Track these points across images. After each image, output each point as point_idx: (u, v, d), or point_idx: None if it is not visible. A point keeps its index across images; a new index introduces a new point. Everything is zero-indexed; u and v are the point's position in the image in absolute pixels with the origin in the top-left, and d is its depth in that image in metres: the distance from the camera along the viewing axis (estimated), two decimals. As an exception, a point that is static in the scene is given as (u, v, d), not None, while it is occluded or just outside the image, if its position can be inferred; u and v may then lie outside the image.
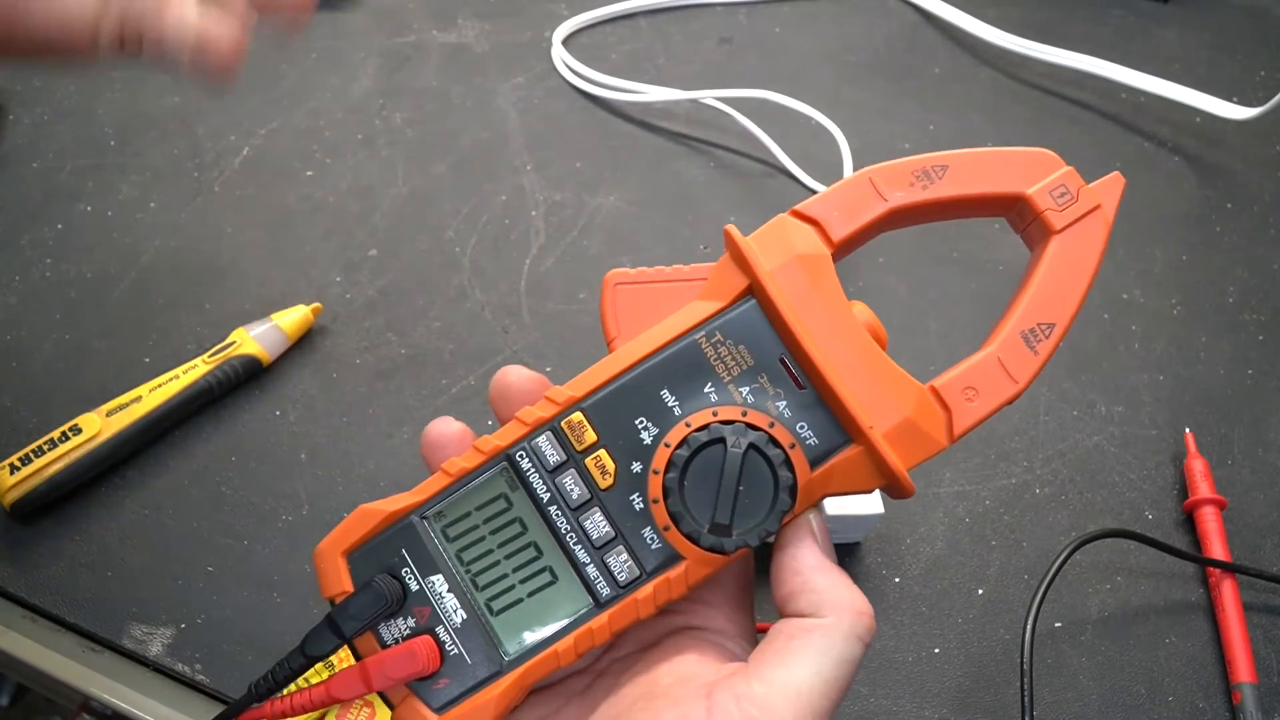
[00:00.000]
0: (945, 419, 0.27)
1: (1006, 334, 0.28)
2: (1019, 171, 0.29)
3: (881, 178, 0.29)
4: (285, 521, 0.42)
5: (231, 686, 0.38)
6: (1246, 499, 0.43)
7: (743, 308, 0.28)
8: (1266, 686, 0.38)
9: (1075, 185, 0.29)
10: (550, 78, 0.61)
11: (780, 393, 0.27)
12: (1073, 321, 0.28)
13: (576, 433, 0.27)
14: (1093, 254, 0.29)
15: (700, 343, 0.28)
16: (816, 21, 0.66)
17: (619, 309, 0.29)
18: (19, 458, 0.41)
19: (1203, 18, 0.67)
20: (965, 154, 0.29)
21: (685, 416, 0.27)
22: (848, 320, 0.27)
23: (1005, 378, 0.27)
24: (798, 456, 0.26)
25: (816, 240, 0.28)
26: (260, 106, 0.59)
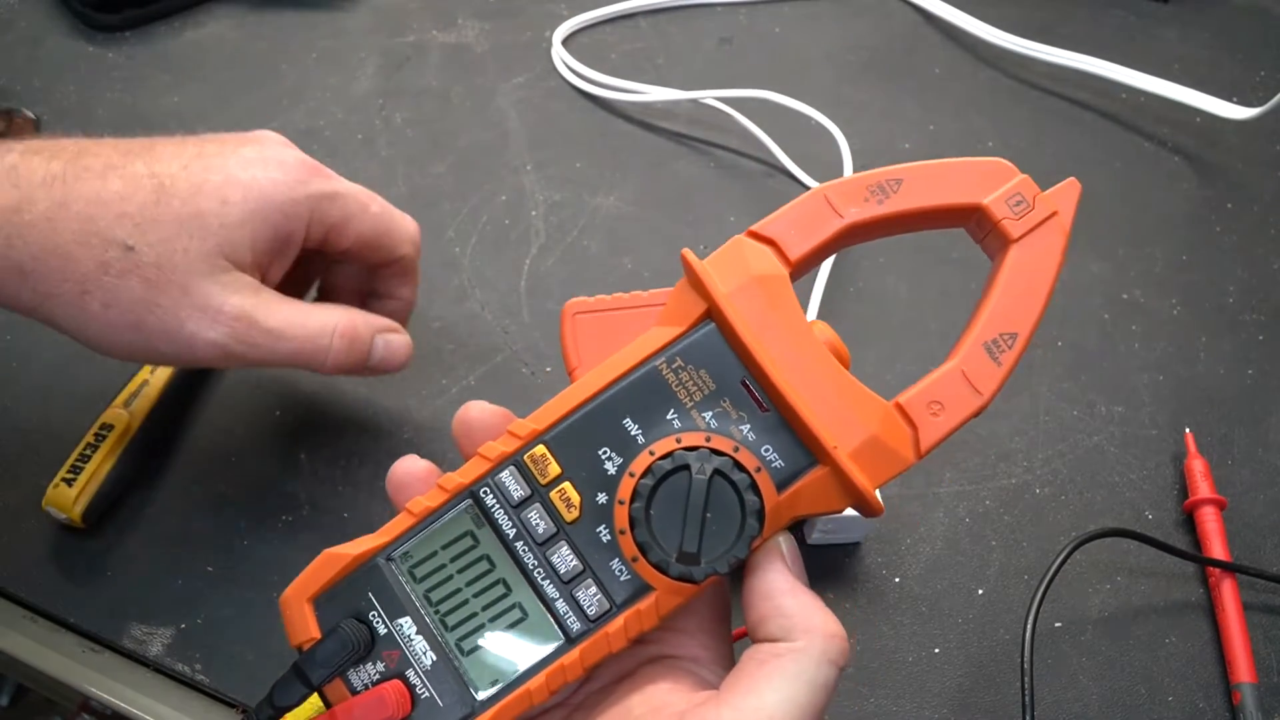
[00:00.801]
0: (911, 435, 0.27)
1: (969, 346, 0.27)
2: (974, 182, 0.29)
3: (836, 194, 0.29)
4: (285, 521, 0.42)
5: (231, 686, 0.38)
6: (1246, 499, 0.43)
7: (702, 332, 0.28)
8: (1266, 686, 0.38)
9: (1031, 193, 0.29)
10: (550, 78, 0.61)
11: (744, 416, 0.27)
12: (1035, 330, 0.28)
13: (540, 466, 0.27)
14: (1051, 261, 0.28)
15: (661, 369, 0.27)
16: (816, 21, 0.66)
17: (579, 338, 0.29)
18: (68, 469, 0.40)
19: (1203, 18, 0.67)
20: (919, 166, 0.29)
21: (649, 444, 0.27)
22: (808, 340, 0.27)
23: (970, 390, 0.27)
24: (764, 480, 0.26)
25: (773, 260, 0.28)
26: (260, 106, 0.59)
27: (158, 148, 0.36)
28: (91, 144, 0.35)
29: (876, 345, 0.49)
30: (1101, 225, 0.54)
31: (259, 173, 0.35)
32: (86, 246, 0.33)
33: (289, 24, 0.64)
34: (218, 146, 0.36)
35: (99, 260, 0.33)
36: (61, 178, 0.34)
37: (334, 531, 0.41)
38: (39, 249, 0.33)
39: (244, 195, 0.35)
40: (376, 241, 0.39)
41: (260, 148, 0.37)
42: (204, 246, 0.34)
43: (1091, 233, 0.54)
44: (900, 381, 0.47)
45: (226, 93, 0.59)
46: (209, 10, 0.65)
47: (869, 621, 0.40)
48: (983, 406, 0.27)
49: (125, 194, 0.34)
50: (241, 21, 0.64)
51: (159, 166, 0.35)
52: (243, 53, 0.62)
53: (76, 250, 0.33)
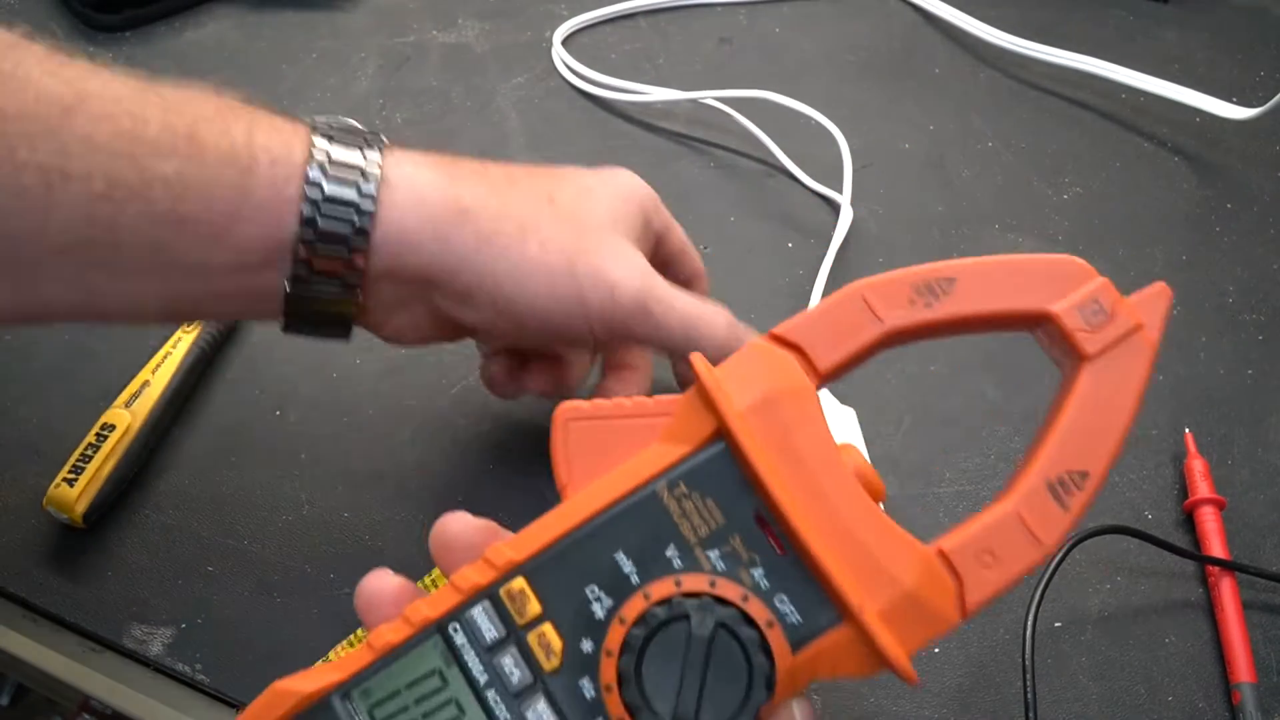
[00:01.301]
0: (955, 589, 0.23)
1: (1030, 484, 0.23)
2: (1042, 284, 0.25)
3: (876, 294, 0.25)
4: (285, 521, 0.42)
5: (231, 686, 0.38)
6: (1246, 499, 0.44)
7: (711, 453, 0.24)
8: (1266, 686, 0.38)
9: (1111, 300, 0.25)
10: (550, 78, 0.61)
11: (756, 558, 0.23)
12: (1110, 469, 0.24)
13: (517, 603, 0.23)
14: (1133, 385, 0.24)
15: (662, 495, 0.24)
16: (816, 21, 0.66)
17: (571, 450, 0.25)
18: (69, 469, 0.40)
19: (1203, 18, 0.67)
20: (977, 264, 0.25)
21: (644, 586, 0.23)
22: (835, 469, 0.23)
23: (1028, 538, 0.23)
24: (776, 637, 0.23)
25: (798, 371, 0.25)
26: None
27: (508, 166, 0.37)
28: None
29: (876, 345, 0.49)
30: (1100, 225, 0.54)
31: (615, 172, 0.38)
32: (516, 187, 0.35)
33: (289, 24, 0.64)
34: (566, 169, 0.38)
35: (531, 202, 0.34)
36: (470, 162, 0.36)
37: (334, 531, 0.41)
38: (477, 191, 0.34)
39: (615, 183, 0.37)
40: (684, 250, 0.40)
41: (614, 169, 0.39)
42: (601, 211, 0.35)
43: (1090, 233, 0.54)
44: (899, 384, 0.47)
45: (226, 93, 0.59)
46: (209, 10, 0.65)
47: (869, 621, 0.40)
48: (1044, 558, 0.23)
49: (529, 172, 0.36)
50: (241, 21, 0.64)
51: (535, 170, 0.37)
52: (243, 53, 0.62)
53: (511, 191, 0.34)
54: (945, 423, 0.46)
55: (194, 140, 0.30)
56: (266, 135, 0.31)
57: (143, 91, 0.30)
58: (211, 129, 0.30)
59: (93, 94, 0.29)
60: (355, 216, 0.31)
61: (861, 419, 0.44)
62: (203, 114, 0.31)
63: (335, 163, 0.31)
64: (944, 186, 0.56)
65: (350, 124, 0.34)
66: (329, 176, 0.31)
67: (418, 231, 0.32)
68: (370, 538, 0.41)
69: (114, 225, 0.29)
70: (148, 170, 0.29)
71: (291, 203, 0.31)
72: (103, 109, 0.29)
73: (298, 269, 0.32)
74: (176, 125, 0.30)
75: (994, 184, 0.56)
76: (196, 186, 0.29)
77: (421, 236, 0.32)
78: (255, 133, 0.31)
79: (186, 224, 0.30)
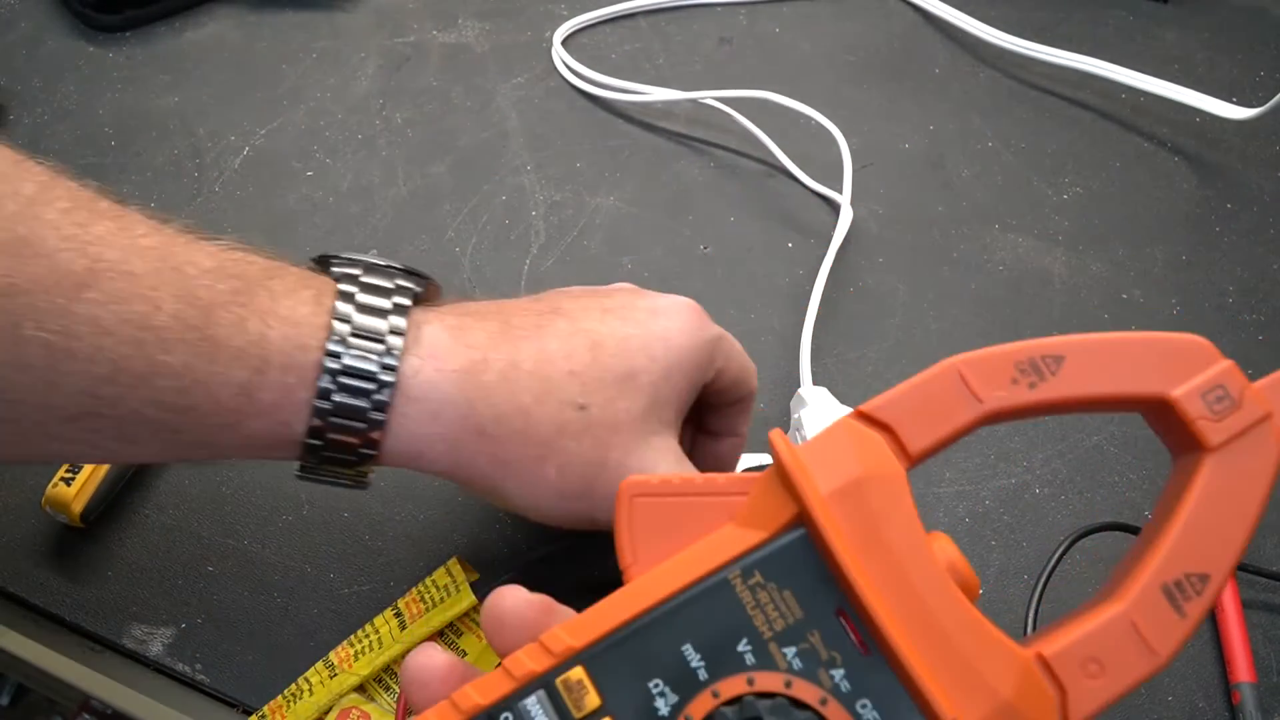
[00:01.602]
0: (1058, 701, 0.21)
1: (1144, 586, 0.21)
2: (1160, 365, 0.24)
3: (975, 373, 0.23)
4: (285, 521, 0.42)
5: (231, 686, 0.38)
6: (1246, 499, 0.43)
7: (789, 540, 0.22)
8: (1266, 686, 0.38)
9: (1237, 387, 0.23)
10: (550, 78, 0.61)
11: (837, 657, 0.21)
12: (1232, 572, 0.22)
13: (575, 694, 0.22)
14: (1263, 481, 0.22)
15: (735, 584, 0.22)
16: (816, 21, 0.66)
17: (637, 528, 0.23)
18: (67, 468, 0.40)
19: (1202, 18, 0.67)
20: (1087, 342, 0.24)
21: (713, 684, 0.22)
22: (926, 563, 0.22)
23: (1141, 648, 0.21)
24: None
25: (887, 453, 0.23)
26: (260, 106, 0.59)
27: (559, 302, 0.34)
28: (497, 303, 0.34)
29: (876, 346, 0.49)
30: (1101, 225, 0.54)
31: (668, 322, 0.34)
32: (544, 406, 0.31)
33: (289, 24, 0.64)
34: (613, 300, 0.34)
35: (557, 422, 0.31)
36: (505, 338, 0.32)
37: (334, 531, 0.41)
38: (500, 411, 0.31)
39: (665, 350, 0.33)
40: (741, 378, 0.37)
41: (651, 298, 0.35)
42: (639, 407, 0.32)
43: (1091, 233, 0.54)
44: (900, 382, 0.47)
45: (226, 93, 0.60)
46: (209, 10, 0.65)
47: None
48: (1158, 670, 0.21)
49: (566, 351, 0.32)
50: (241, 22, 0.64)
51: (580, 323, 0.33)
52: (243, 53, 0.62)
53: (536, 410, 0.31)
54: (945, 423, 0.46)
55: (205, 333, 0.29)
56: (281, 330, 0.29)
57: (160, 265, 0.29)
58: (225, 319, 0.29)
59: (108, 269, 0.28)
60: (365, 425, 0.30)
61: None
62: (219, 297, 0.29)
63: (347, 369, 0.30)
64: (944, 186, 0.56)
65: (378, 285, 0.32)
66: (339, 386, 0.30)
67: (430, 446, 0.31)
68: (370, 538, 0.41)
69: (118, 404, 0.28)
70: (154, 360, 0.28)
71: (301, 407, 0.30)
72: (114, 289, 0.28)
73: (307, 459, 0.31)
74: (189, 314, 0.28)
75: (994, 184, 0.56)
76: (204, 382, 0.29)
77: (434, 452, 0.31)
78: (270, 325, 0.29)
79: (192, 413, 0.29)
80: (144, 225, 0.30)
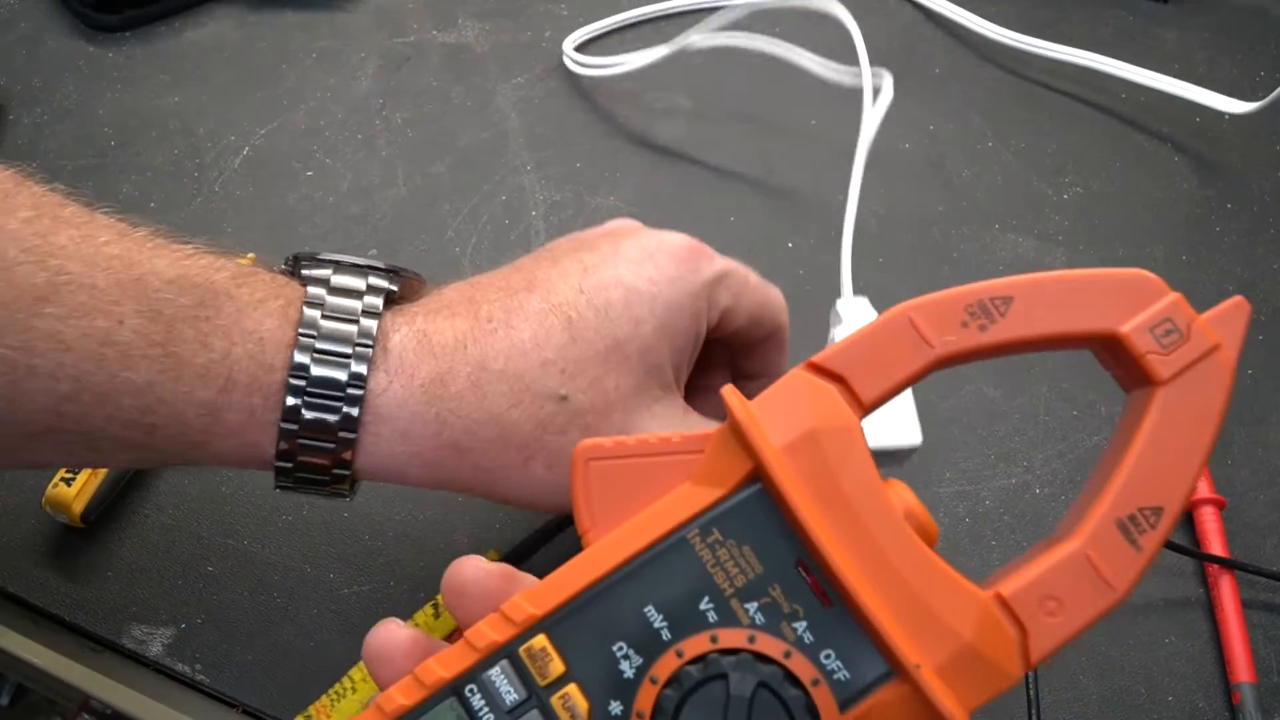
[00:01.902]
0: (1018, 639, 0.21)
1: (1098, 523, 0.22)
2: (1109, 302, 0.23)
3: (925, 318, 0.23)
4: (285, 521, 0.42)
5: (231, 686, 0.38)
6: (1246, 499, 0.44)
7: (746, 496, 0.22)
8: (1266, 686, 0.38)
9: (1185, 319, 0.23)
10: (550, 78, 0.61)
11: (798, 610, 0.22)
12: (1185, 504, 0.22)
13: (539, 662, 0.22)
14: (1212, 413, 0.22)
15: (694, 542, 0.22)
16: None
17: (593, 492, 0.23)
18: (66, 469, 0.40)
19: (1202, 18, 0.67)
20: (1036, 281, 0.23)
21: (676, 643, 0.22)
22: (883, 512, 0.22)
23: (1098, 583, 0.21)
24: (823, 697, 0.21)
25: (841, 404, 0.23)
26: (260, 106, 0.59)
27: (536, 272, 0.32)
28: (471, 287, 0.32)
29: (876, 345, 0.49)
30: (1101, 225, 0.54)
31: (654, 272, 0.31)
32: (520, 407, 0.30)
33: (289, 24, 0.64)
34: (595, 255, 0.32)
35: (537, 420, 0.30)
36: (473, 336, 0.30)
37: (334, 531, 0.41)
38: (472, 421, 0.29)
39: (651, 309, 0.31)
40: (760, 314, 0.34)
41: (638, 240, 0.32)
42: (630, 382, 0.31)
43: (1091, 233, 0.54)
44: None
45: (226, 93, 0.60)
46: (209, 10, 0.65)
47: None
48: (1116, 604, 0.21)
49: (539, 339, 0.30)
50: (241, 22, 0.64)
51: (554, 297, 0.31)
52: (243, 53, 0.62)
53: (512, 414, 0.30)
54: (945, 423, 0.46)
55: (168, 349, 0.28)
56: (244, 347, 0.28)
57: (123, 277, 0.28)
58: (188, 334, 0.28)
59: (68, 281, 0.27)
60: (334, 445, 0.29)
61: (861, 419, 0.44)
62: (181, 311, 0.28)
63: (312, 389, 0.28)
64: (944, 187, 0.56)
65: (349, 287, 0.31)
66: (306, 404, 0.28)
67: (407, 464, 0.30)
68: (370, 538, 0.41)
69: (82, 421, 0.27)
70: (116, 377, 0.27)
71: (268, 428, 0.29)
72: (76, 302, 0.27)
73: (280, 476, 0.30)
74: (151, 329, 0.27)
75: (994, 184, 0.56)
76: (168, 400, 0.28)
77: (412, 469, 0.30)
78: (234, 341, 0.28)
79: (158, 431, 0.28)
80: (108, 232, 0.29)
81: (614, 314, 0.31)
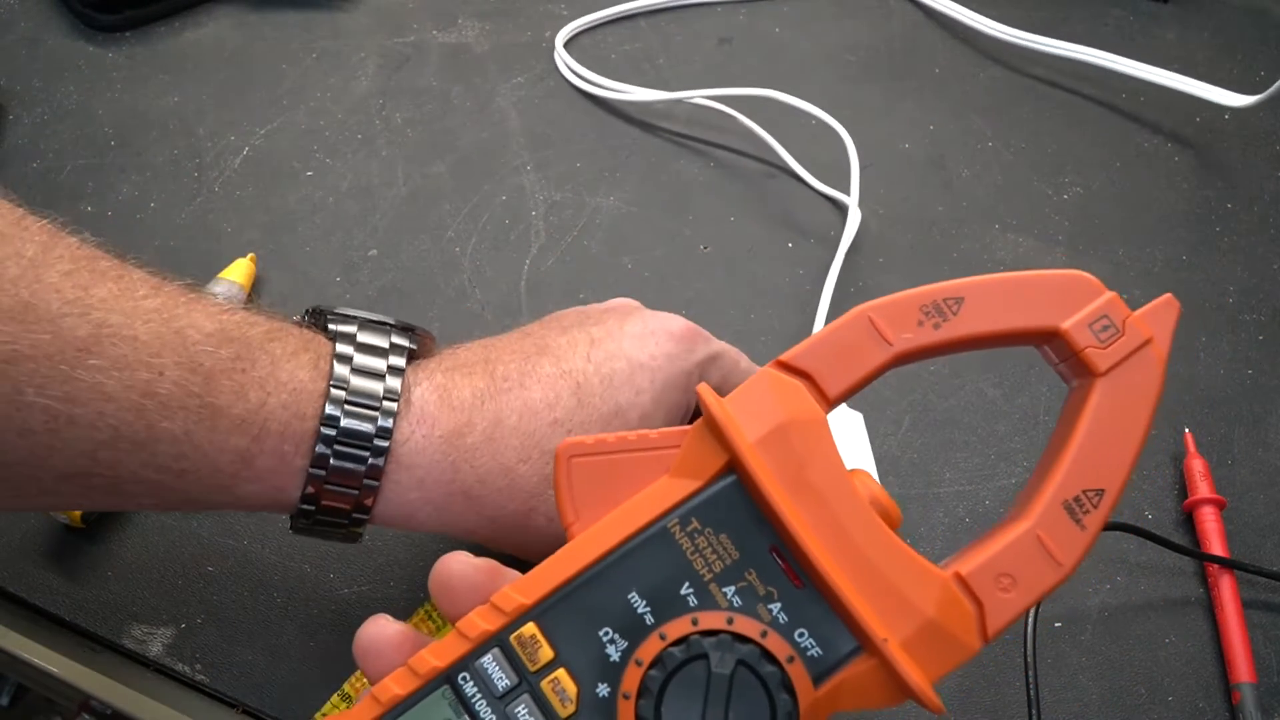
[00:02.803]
0: (976, 614, 0.23)
1: (1046, 505, 0.23)
2: (1050, 301, 0.25)
3: (883, 317, 0.25)
4: (285, 522, 0.41)
5: (231, 686, 0.38)
6: (1246, 499, 0.44)
7: (722, 487, 0.24)
8: (1266, 686, 0.38)
9: (1120, 315, 0.25)
10: (550, 78, 0.61)
11: (773, 592, 0.23)
12: (1125, 486, 0.24)
13: (529, 649, 0.23)
14: (1147, 401, 0.24)
15: (674, 532, 0.23)
16: (817, 21, 0.66)
17: (576, 487, 0.24)
18: None
19: (1202, 18, 0.67)
20: (984, 282, 0.25)
21: (659, 627, 0.23)
22: (850, 499, 0.23)
23: (1047, 560, 0.23)
24: (798, 672, 0.22)
25: (808, 399, 0.24)
26: (260, 106, 0.59)
27: (547, 339, 0.35)
28: (485, 349, 0.35)
29: (876, 345, 0.48)
30: (1101, 225, 0.54)
31: (655, 349, 0.34)
32: (529, 462, 0.32)
33: (289, 24, 0.64)
34: (601, 329, 0.35)
35: (543, 475, 0.32)
36: (489, 393, 0.33)
37: (334, 531, 0.41)
38: (485, 471, 0.32)
39: (651, 380, 0.34)
40: None
41: (641, 319, 0.35)
42: None
43: (1090, 233, 0.54)
44: (899, 384, 0.47)
45: (226, 93, 0.60)
46: (209, 10, 0.65)
47: (869, 621, 0.40)
48: (1063, 579, 0.23)
49: (550, 400, 0.33)
50: (241, 21, 0.64)
51: (564, 364, 0.34)
52: (243, 53, 0.62)
53: (520, 467, 0.32)
54: (945, 423, 0.46)
55: (206, 400, 0.29)
56: (279, 398, 0.30)
57: (163, 330, 0.29)
58: (227, 386, 0.29)
59: (111, 334, 0.28)
60: (358, 491, 0.31)
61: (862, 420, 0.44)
62: (221, 364, 0.29)
63: (343, 437, 0.30)
64: (944, 187, 0.56)
65: (374, 345, 0.32)
66: (335, 453, 0.30)
67: (418, 509, 0.32)
68: (370, 537, 0.41)
69: (116, 467, 0.29)
70: (155, 426, 0.28)
71: (297, 473, 0.31)
72: (117, 354, 0.28)
73: (298, 520, 0.32)
74: (191, 380, 0.29)
75: (994, 184, 0.56)
76: (203, 447, 0.29)
77: (422, 514, 0.32)
78: (269, 392, 0.30)
79: (188, 475, 0.29)
80: (145, 286, 0.30)
81: (617, 383, 0.33)
